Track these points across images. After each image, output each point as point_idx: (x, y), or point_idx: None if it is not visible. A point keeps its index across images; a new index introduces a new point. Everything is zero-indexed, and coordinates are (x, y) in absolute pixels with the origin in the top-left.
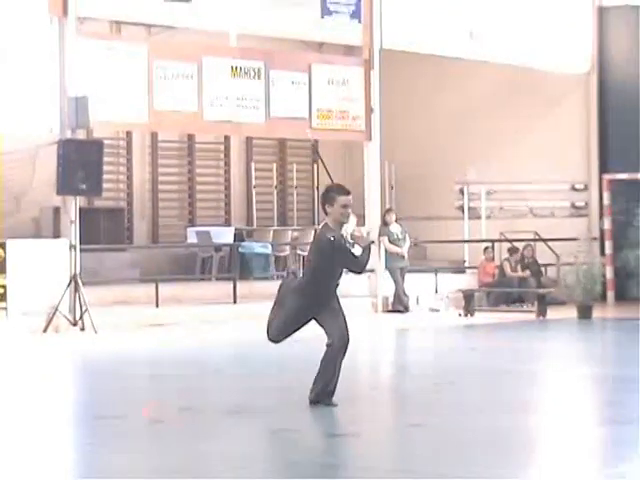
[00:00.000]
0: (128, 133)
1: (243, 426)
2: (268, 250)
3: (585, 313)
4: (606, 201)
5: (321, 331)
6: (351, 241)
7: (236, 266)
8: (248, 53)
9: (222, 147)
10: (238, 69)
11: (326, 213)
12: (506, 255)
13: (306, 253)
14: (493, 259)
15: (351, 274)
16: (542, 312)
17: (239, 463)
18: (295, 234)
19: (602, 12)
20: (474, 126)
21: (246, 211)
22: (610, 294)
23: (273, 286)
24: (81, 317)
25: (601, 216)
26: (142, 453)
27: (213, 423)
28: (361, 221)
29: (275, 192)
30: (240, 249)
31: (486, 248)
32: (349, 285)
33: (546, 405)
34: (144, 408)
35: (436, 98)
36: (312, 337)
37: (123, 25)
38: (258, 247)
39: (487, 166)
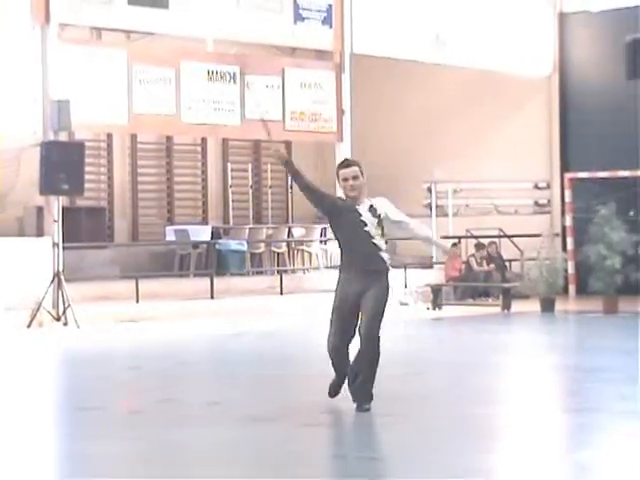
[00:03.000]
0: (109, 135)
1: (220, 417)
2: (244, 247)
3: (548, 306)
4: (568, 199)
5: (294, 323)
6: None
7: (213, 263)
8: (224, 58)
9: (199, 148)
10: (214, 73)
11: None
12: (472, 251)
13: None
14: (460, 255)
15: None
16: (507, 305)
17: (215, 452)
18: (270, 232)
19: (563, 18)
20: (441, 127)
21: (222, 210)
22: (572, 288)
23: (249, 282)
24: (64, 312)
25: (563, 213)
26: (120, 442)
27: (191, 414)
28: None
29: (250, 191)
30: (217, 246)
31: (454, 244)
32: (322, 281)
33: (511, 395)
34: (123, 400)
35: (404, 100)
36: (288, 330)
37: (103, 31)
38: (234, 244)
39: (453, 165)
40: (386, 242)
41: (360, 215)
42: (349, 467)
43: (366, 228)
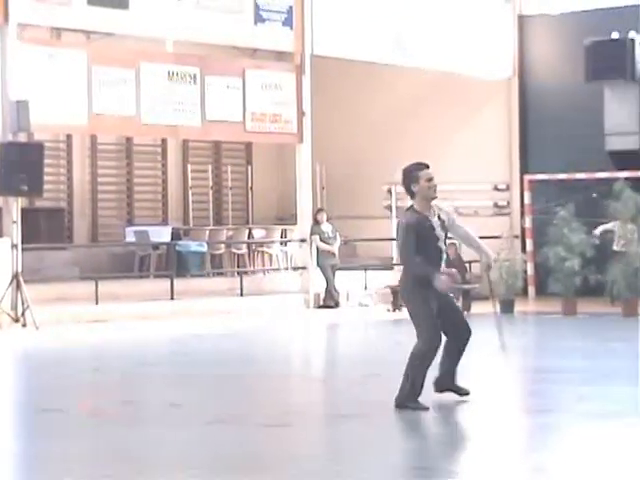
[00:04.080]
0: (68, 136)
1: (181, 418)
2: (204, 248)
3: (507, 307)
4: (527, 200)
5: (254, 324)
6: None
7: (173, 264)
8: (184, 59)
9: (159, 149)
10: (174, 74)
11: (413, 196)
12: None
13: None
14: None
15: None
16: (467, 307)
17: (174, 453)
18: (230, 233)
19: (523, 20)
20: (401, 129)
21: (183, 211)
22: (531, 289)
23: (209, 283)
24: (23, 314)
25: (522, 215)
26: (80, 443)
27: (152, 415)
28: (293, 220)
29: (210, 193)
30: (177, 247)
31: None
32: (282, 282)
33: (470, 396)
34: (82, 402)
35: (365, 102)
36: (248, 331)
37: (63, 32)
38: (194, 245)
39: None
40: (345, 243)
41: (434, 229)
42: (309, 468)
43: (439, 244)
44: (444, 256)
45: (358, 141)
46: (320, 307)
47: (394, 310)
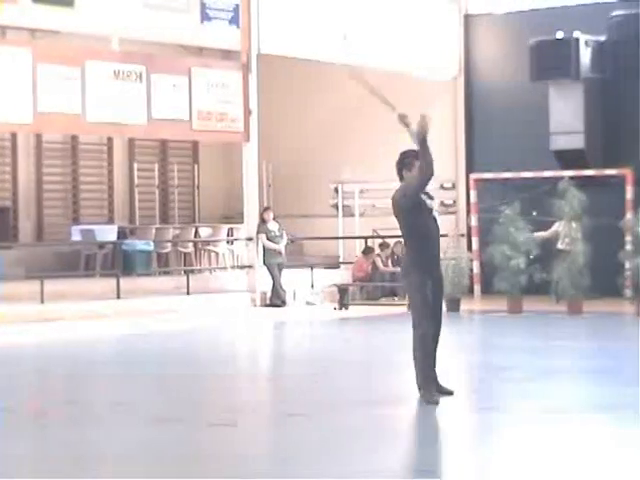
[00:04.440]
0: (13, 135)
1: (126, 417)
2: (150, 247)
3: (453, 306)
4: (473, 199)
5: (200, 323)
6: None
7: (119, 263)
8: (130, 57)
9: (105, 148)
10: (120, 72)
11: (401, 179)
12: (378, 251)
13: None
14: (371, 258)
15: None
16: None
17: (119, 453)
18: (176, 232)
19: (468, 20)
20: (348, 127)
21: (129, 210)
22: (477, 288)
23: (155, 282)
24: None
25: (468, 213)
26: (25, 443)
27: (97, 415)
28: (240, 218)
29: (157, 191)
30: (123, 246)
31: (366, 249)
32: (228, 281)
33: (417, 394)
34: (28, 401)
35: (312, 100)
36: (194, 330)
37: (7, 29)
38: (141, 244)
39: (360, 166)
40: (292, 241)
41: (425, 201)
42: (253, 467)
43: (433, 213)
44: (439, 223)
45: (305, 140)
46: (267, 306)
47: (340, 309)
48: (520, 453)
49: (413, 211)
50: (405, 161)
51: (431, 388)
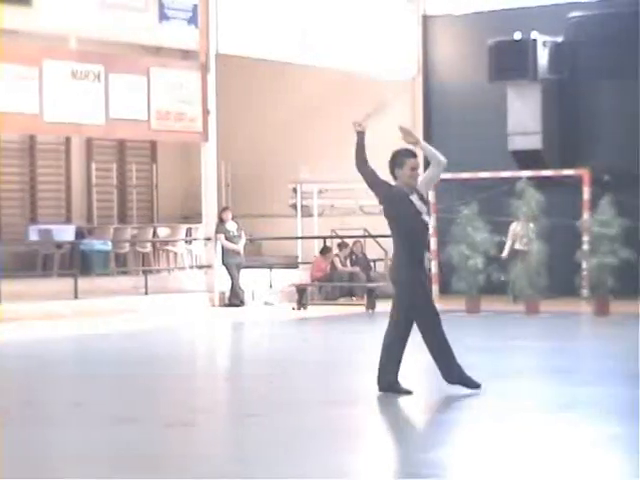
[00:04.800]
0: None
1: (83, 417)
2: (108, 247)
3: None
4: (431, 199)
5: (159, 323)
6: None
7: (77, 263)
8: (88, 57)
9: (63, 147)
10: (78, 72)
11: (395, 178)
12: (336, 251)
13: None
14: (329, 258)
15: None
16: (371, 305)
17: (76, 453)
18: (134, 232)
19: (426, 21)
20: (307, 128)
21: (87, 209)
22: (435, 288)
23: (113, 282)
24: None
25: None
26: None
27: (54, 415)
28: (198, 218)
29: (115, 191)
30: (81, 246)
31: (324, 248)
32: (187, 281)
33: (375, 394)
34: None
35: (271, 100)
36: (152, 330)
37: None
38: (98, 244)
39: (319, 166)
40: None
41: (413, 203)
42: (211, 467)
43: (423, 217)
44: (429, 229)
45: (264, 140)
46: (225, 306)
47: (299, 309)
48: (479, 452)
49: (400, 212)
50: (398, 160)
51: (396, 379)
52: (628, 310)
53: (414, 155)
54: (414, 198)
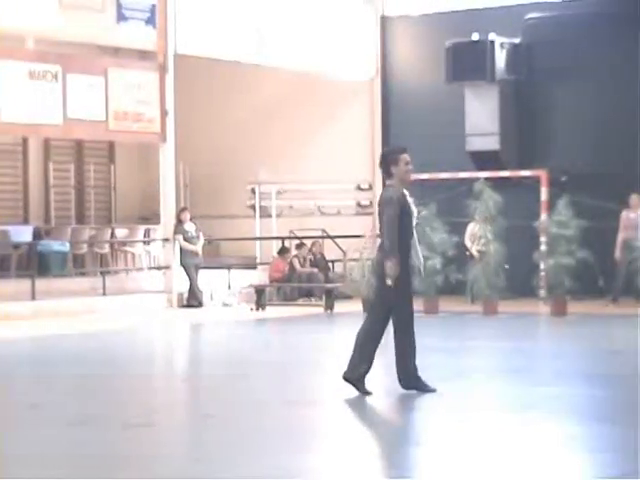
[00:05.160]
0: None
1: (41, 419)
2: (66, 248)
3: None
4: None
5: (117, 324)
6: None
7: (35, 264)
8: (45, 57)
9: (20, 148)
10: (35, 72)
11: (390, 176)
12: (295, 252)
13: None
14: (287, 259)
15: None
16: (330, 306)
17: (33, 454)
18: (92, 232)
19: (385, 21)
20: (266, 128)
21: (44, 210)
22: None
23: (71, 283)
24: None
25: None
26: None
27: (11, 416)
28: (156, 219)
29: (73, 192)
30: (38, 247)
31: (282, 249)
32: (145, 281)
33: (334, 395)
34: None
35: (230, 101)
36: (110, 331)
37: None
38: (56, 245)
39: (278, 167)
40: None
41: (411, 205)
42: (170, 467)
43: (413, 218)
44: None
45: (222, 140)
46: (184, 307)
47: (257, 309)
48: (441, 452)
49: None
50: (392, 157)
51: (362, 378)
52: (585, 310)
53: (404, 150)
54: (409, 199)
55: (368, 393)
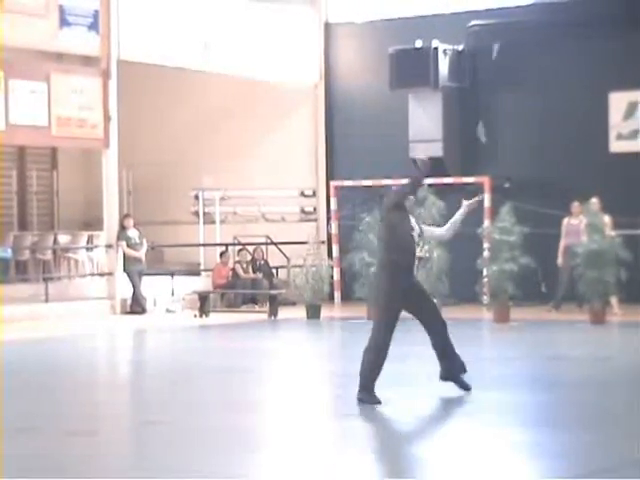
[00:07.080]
0: None
1: None
2: (8, 254)
3: (314, 313)
4: (333, 206)
5: (60, 331)
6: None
7: None
8: None
9: None
10: None
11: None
12: (238, 258)
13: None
14: (227, 263)
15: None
16: (273, 312)
17: None
18: (35, 239)
19: (329, 28)
20: (210, 135)
21: None
22: (337, 295)
23: (13, 290)
24: None
25: (328, 221)
26: None
27: None
28: (99, 225)
29: (15, 198)
30: None
31: (223, 253)
32: (88, 288)
33: (277, 401)
34: None
35: (174, 107)
36: (53, 338)
37: None
38: None
39: (222, 173)
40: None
41: (410, 220)
42: (114, 473)
43: (413, 233)
44: (417, 247)
45: (166, 147)
46: (127, 313)
47: (201, 316)
48: (388, 458)
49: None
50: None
51: (372, 390)
52: (528, 316)
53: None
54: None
55: (379, 402)
